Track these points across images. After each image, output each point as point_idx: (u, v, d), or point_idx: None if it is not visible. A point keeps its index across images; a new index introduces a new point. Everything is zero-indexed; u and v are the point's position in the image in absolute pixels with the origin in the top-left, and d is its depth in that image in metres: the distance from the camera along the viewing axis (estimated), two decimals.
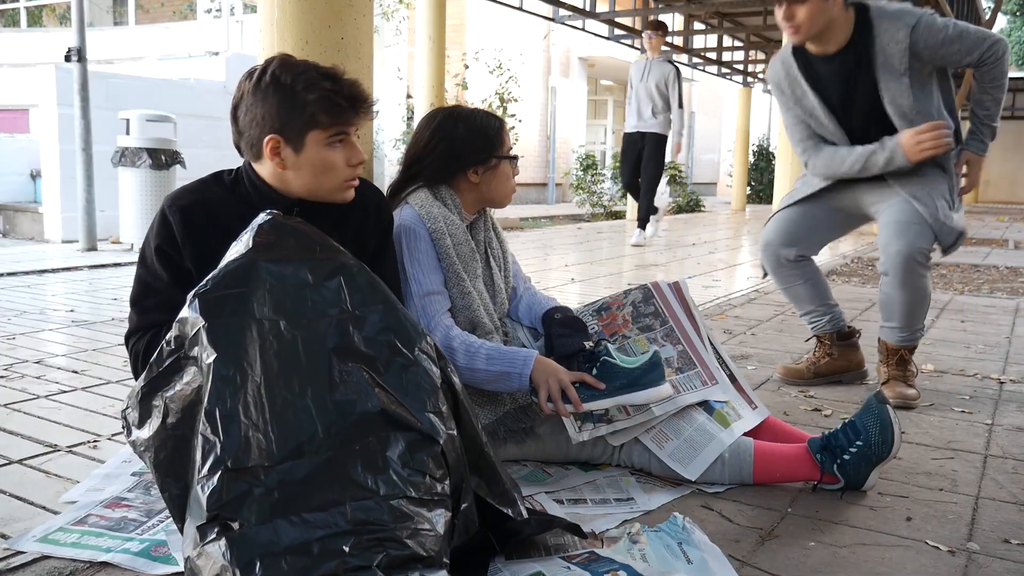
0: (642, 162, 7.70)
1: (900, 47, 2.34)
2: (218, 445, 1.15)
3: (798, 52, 2.53)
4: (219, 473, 1.13)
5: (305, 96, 1.53)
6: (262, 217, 1.35)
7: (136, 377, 1.60)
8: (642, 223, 7.95)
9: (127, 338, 1.63)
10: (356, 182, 1.66)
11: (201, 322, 1.22)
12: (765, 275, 2.81)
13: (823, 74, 2.49)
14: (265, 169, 1.60)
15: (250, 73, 1.58)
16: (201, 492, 1.13)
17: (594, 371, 1.74)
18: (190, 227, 1.56)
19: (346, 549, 1.10)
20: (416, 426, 1.22)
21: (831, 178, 2.60)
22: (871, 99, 2.45)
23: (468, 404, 1.35)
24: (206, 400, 1.18)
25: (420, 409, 1.24)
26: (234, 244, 1.33)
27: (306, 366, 1.22)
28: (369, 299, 1.30)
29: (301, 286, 1.27)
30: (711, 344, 1.99)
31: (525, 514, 1.38)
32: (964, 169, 2.53)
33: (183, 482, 1.23)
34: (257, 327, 1.22)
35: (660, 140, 7.62)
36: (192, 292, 1.26)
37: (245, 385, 1.18)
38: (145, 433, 1.28)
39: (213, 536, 1.11)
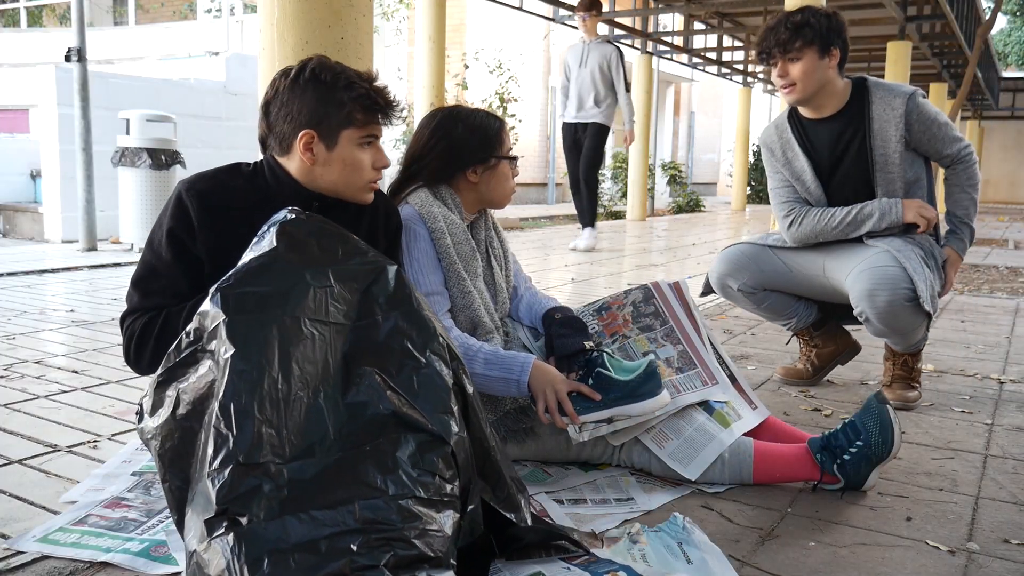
0: (581, 155, 6.87)
1: (896, 114, 2.38)
2: (231, 439, 1.15)
3: (793, 117, 2.56)
4: (230, 467, 1.13)
5: (344, 94, 1.57)
6: (284, 214, 1.35)
7: (127, 359, 1.60)
8: (590, 222, 7.11)
9: (123, 318, 1.62)
10: (377, 185, 1.70)
11: (221, 317, 1.23)
12: (703, 294, 2.77)
13: (815, 138, 2.52)
14: (292, 164, 1.62)
15: (286, 71, 1.61)
16: (211, 485, 1.13)
17: (589, 381, 1.74)
18: (208, 212, 1.56)
19: (354, 548, 1.10)
20: (427, 427, 1.22)
21: (816, 240, 2.54)
22: (860, 165, 2.47)
23: (478, 406, 1.35)
24: (221, 394, 1.18)
25: (431, 411, 1.24)
26: (256, 241, 1.34)
27: (321, 367, 1.23)
28: (386, 302, 1.31)
29: (321, 288, 1.28)
30: (711, 344, 1.99)
31: (529, 520, 1.38)
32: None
33: (185, 475, 1.23)
34: (277, 326, 1.23)
35: (601, 131, 6.83)
36: (214, 286, 1.27)
37: (261, 382, 1.19)
38: (154, 422, 1.28)
39: (221, 531, 1.11)
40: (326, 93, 1.57)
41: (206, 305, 1.26)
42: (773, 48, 2.38)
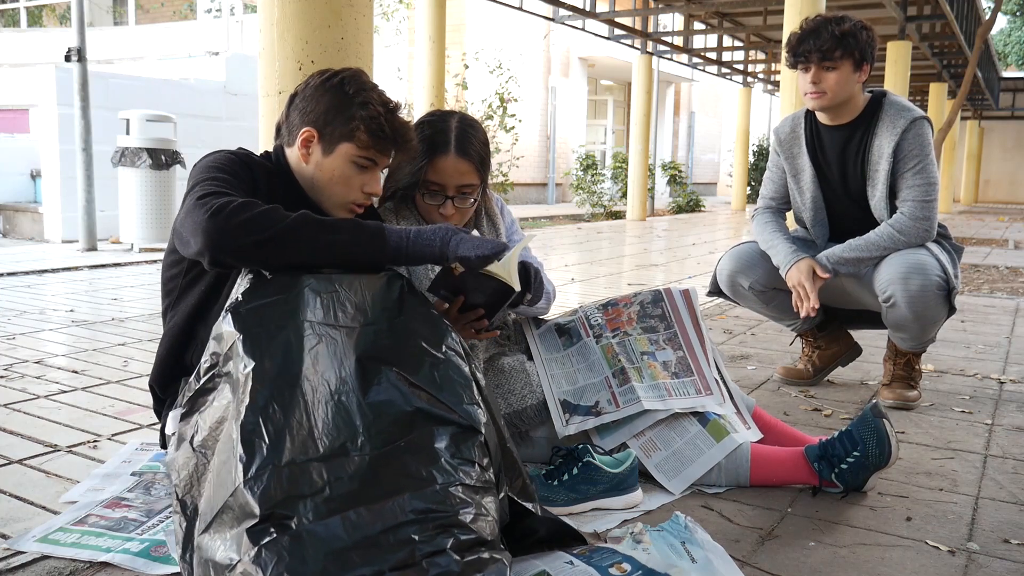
0: None
1: (895, 131, 2.39)
2: (264, 446, 1.14)
3: (808, 117, 2.58)
4: (268, 472, 1.12)
5: (357, 111, 1.57)
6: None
7: (216, 216, 1.36)
8: None
9: (201, 197, 1.40)
10: (360, 210, 1.66)
11: (236, 335, 1.24)
12: (710, 294, 2.77)
13: (824, 143, 2.54)
14: (292, 156, 1.64)
15: (322, 72, 1.64)
16: (250, 493, 1.10)
17: (575, 471, 1.69)
18: (246, 167, 1.58)
19: (416, 537, 1.09)
20: (456, 419, 1.23)
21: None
22: (858, 175, 2.49)
23: (491, 400, 1.36)
24: (247, 405, 1.18)
25: (457, 403, 1.25)
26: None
27: (338, 370, 1.23)
28: (394, 306, 1.33)
29: (327, 293, 1.30)
30: (715, 362, 1.97)
31: (539, 511, 1.38)
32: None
33: (195, 503, 1.23)
34: (291, 332, 1.25)
35: None
36: (225, 307, 1.29)
37: (284, 387, 1.19)
38: (176, 454, 1.29)
39: (271, 537, 1.08)
40: (341, 102, 1.58)
41: (220, 326, 1.28)
42: (812, 53, 2.37)
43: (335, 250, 1.37)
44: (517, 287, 1.58)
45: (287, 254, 1.35)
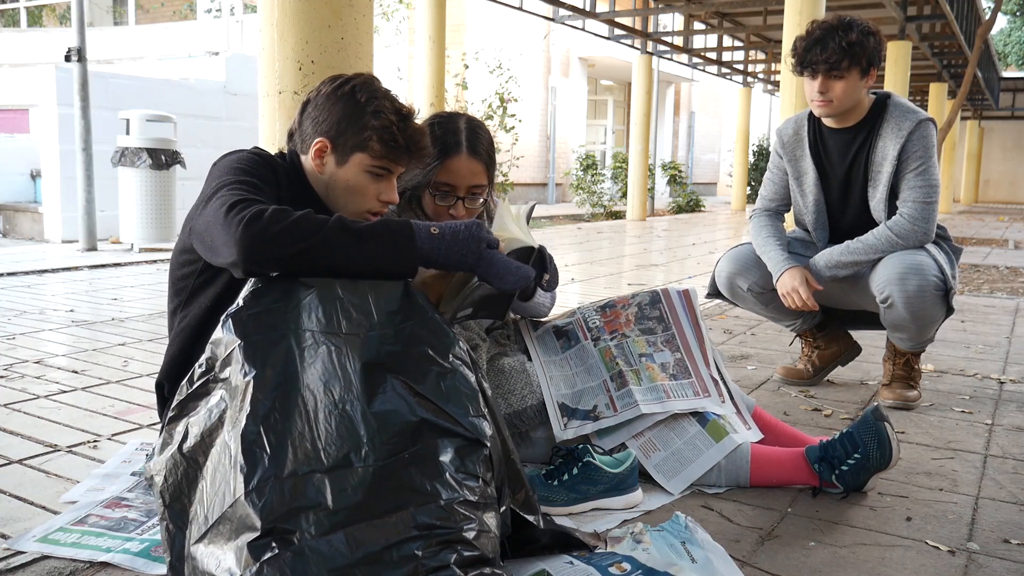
0: None
1: (901, 133, 2.39)
2: (266, 457, 1.12)
3: (812, 119, 2.57)
4: (270, 484, 1.10)
5: (370, 120, 1.55)
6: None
7: (252, 226, 1.32)
8: None
9: (232, 205, 1.35)
10: (375, 218, 1.64)
11: (236, 342, 1.22)
12: (708, 296, 2.76)
13: (828, 145, 2.54)
14: (307, 164, 1.63)
15: (334, 78, 1.62)
16: (251, 506, 1.09)
17: (575, 471, 1.69)
18: (267, 166, 1.56)
19: (419, 553, 1.08)
20: (462, 432, 1.21)
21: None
22: (861, 176, 2.49)
23: (496, 411, 1.35)
24: (248, 415, 1.16)
25: (463, 415, 1.23)
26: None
27: (342, 379, 1.21)
28: (399, 312, 1.30)
29: (330, 300, 1.27)
30: (715, 362, 1.96)
31: (542, 524, 1.37)
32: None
33: (184, 512, 1.22)
34: (293, 340, 1.22)
35: None
36: (225, 314, 1.26)
37: (286, 397, 1.17)
38: (160, 458, 1.27)
39: (272, 553, 1.06)
40: (354, 111, 1.56)
41: (218, 333, 1.25)
42: (820, 64, 2.36)
43: (367, 262, 1.35)
44: (534, 243, 1.56)
45: (320, 264, 1.33)
